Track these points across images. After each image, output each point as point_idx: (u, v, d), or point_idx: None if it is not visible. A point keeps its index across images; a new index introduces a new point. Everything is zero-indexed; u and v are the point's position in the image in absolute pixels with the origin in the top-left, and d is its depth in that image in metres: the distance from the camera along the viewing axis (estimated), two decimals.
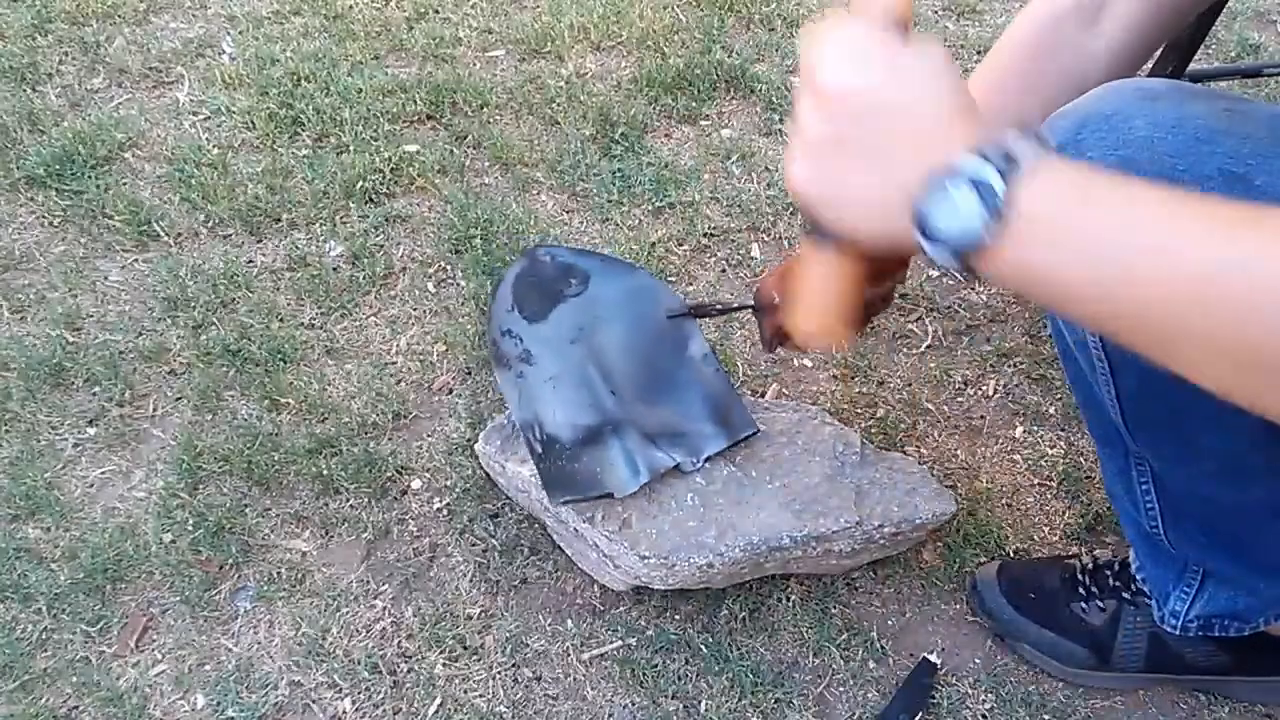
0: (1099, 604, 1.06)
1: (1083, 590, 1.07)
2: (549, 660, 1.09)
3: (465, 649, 1.10)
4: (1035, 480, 1.25)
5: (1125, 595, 1.04)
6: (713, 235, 1.51)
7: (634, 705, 1.06)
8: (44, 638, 1.09)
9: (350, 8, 1.88)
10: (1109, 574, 1.06)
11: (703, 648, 1.10)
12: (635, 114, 1.67)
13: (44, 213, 1.51)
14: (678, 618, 1.12)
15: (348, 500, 1.21)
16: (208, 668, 1.08)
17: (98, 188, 1.53)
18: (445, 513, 1.21)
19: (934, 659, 1.10)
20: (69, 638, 1.09)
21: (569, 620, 1.12)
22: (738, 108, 1.73)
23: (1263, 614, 0.98)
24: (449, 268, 1.47)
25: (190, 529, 1.17)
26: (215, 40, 1.81)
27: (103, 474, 1.23)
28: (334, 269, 1.45)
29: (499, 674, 1.08)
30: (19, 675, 1.06)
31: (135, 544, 1.16)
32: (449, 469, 1.24)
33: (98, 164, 1.57)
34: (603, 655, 1.10)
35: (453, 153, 1.61)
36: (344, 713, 1.05)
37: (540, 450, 1.09)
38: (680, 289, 1.43)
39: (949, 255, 0.51)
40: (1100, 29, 0.83)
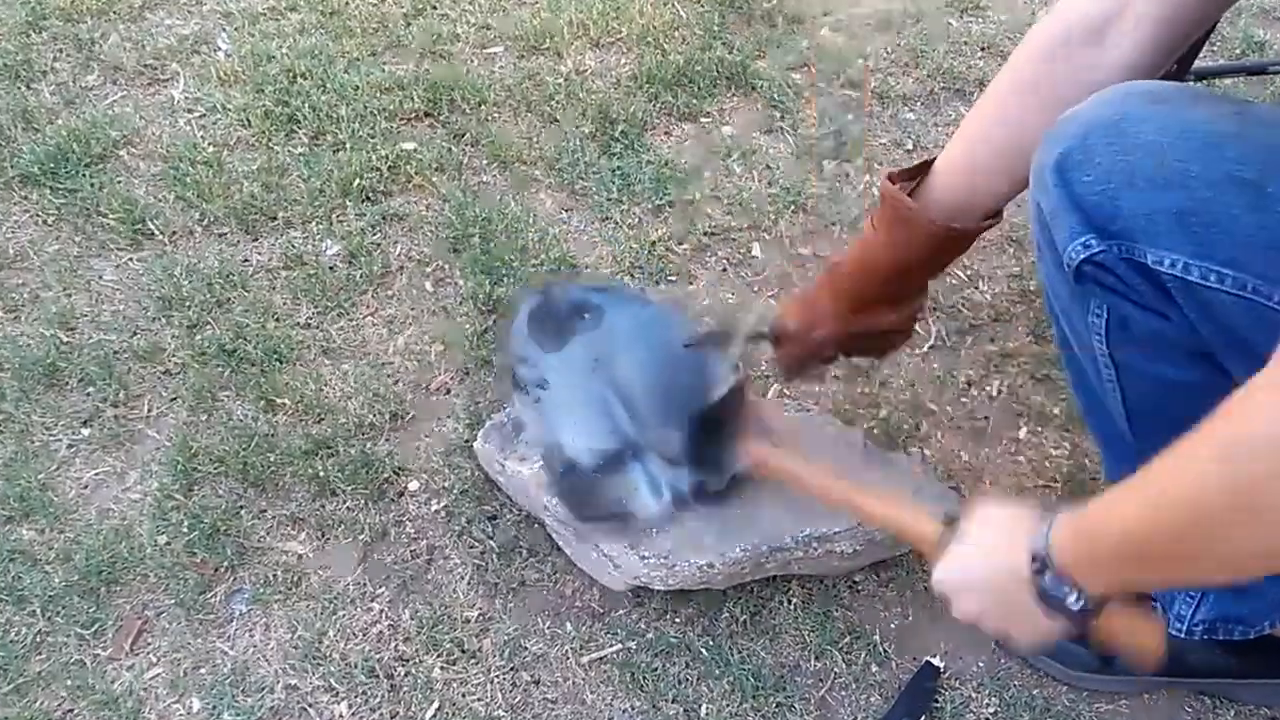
0: None
1: None
2: (548, 663, 1.08)
3: (463, 652, 1.09)
4: (1039, 481, 1.24)
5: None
6: (713, 234, 1.50)
7: (634, 709, 1.05)
8: (38, 641, 1.08)
9: (347, 4, 1.87)
10: None
11: (703, 651, 1.09)
12: (635, 111, 1.66)
13: (38, 211, 1.50)
14: (678, 621, 1.11)
15: (344, 502, 1.20)
16: (203, 671, 1.07)
17: (92, 186, 1.52)
18: (443, 514, 1.20)
19: (937, 662, 1.09)
20: (63, 640, 1.08)
21: (568, 623, 1.11)
22: (738, 105, 1.72)
23: (1268, 617, 0.98)
24: (447, 267, 1.45)
25: (185, 531, 1.16)
26: (210, 37, 1.80)
27: (97, 475, 1.22)
28: (330, 268, 1.44)
29: (497, 677, 1.07)
30: (13, 678, 1.05)
31: (130, 546, 1.15)
32: (447, 470, 1.23)
33: (92, 162, 1.56)
34: (602, 658, 1.09)
35: (450, 151, 1.60)
36: (340, 717, 1.04)
37: (561, 471, 1.09)
38: (680, 289, 1.43)
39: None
40: (1109, 44, 0.82)
